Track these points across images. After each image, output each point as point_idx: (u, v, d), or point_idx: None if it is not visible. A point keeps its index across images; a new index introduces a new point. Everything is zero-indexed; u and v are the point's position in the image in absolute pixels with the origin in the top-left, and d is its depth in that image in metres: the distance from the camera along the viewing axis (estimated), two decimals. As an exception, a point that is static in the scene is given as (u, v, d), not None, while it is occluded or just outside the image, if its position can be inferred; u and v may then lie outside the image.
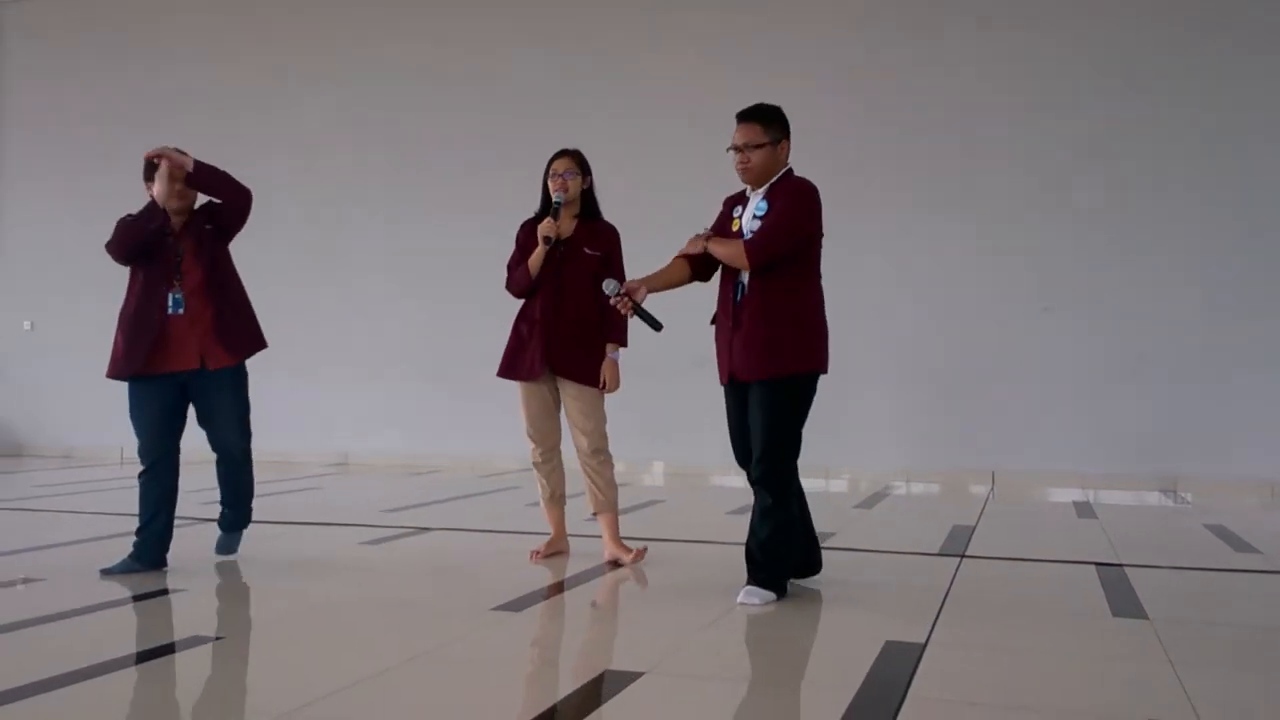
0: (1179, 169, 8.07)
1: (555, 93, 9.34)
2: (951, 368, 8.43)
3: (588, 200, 4.76)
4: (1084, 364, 8.17)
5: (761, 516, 3.95)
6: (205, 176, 4.52)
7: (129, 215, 4.63)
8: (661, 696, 2.85)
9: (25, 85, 11.10)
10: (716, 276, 4.17)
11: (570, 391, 4.69)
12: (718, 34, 9.06)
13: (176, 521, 4.59)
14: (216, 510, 4.90)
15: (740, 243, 3.94)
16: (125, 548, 4.64)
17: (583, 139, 4.88)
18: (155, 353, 4.48)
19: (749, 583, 3.96)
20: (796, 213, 3.94)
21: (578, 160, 4.72)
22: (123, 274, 10.83)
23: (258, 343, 4.69)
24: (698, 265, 4.12)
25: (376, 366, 9.74)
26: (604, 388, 4.67)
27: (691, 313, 5.20)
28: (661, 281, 4.10)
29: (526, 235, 4.76)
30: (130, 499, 6.70)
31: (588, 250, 4.66)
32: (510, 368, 4.75)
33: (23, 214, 11.06)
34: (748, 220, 4.02)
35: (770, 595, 3.92)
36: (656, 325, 4.10)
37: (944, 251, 8.49)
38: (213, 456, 4.71)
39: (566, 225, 4.68)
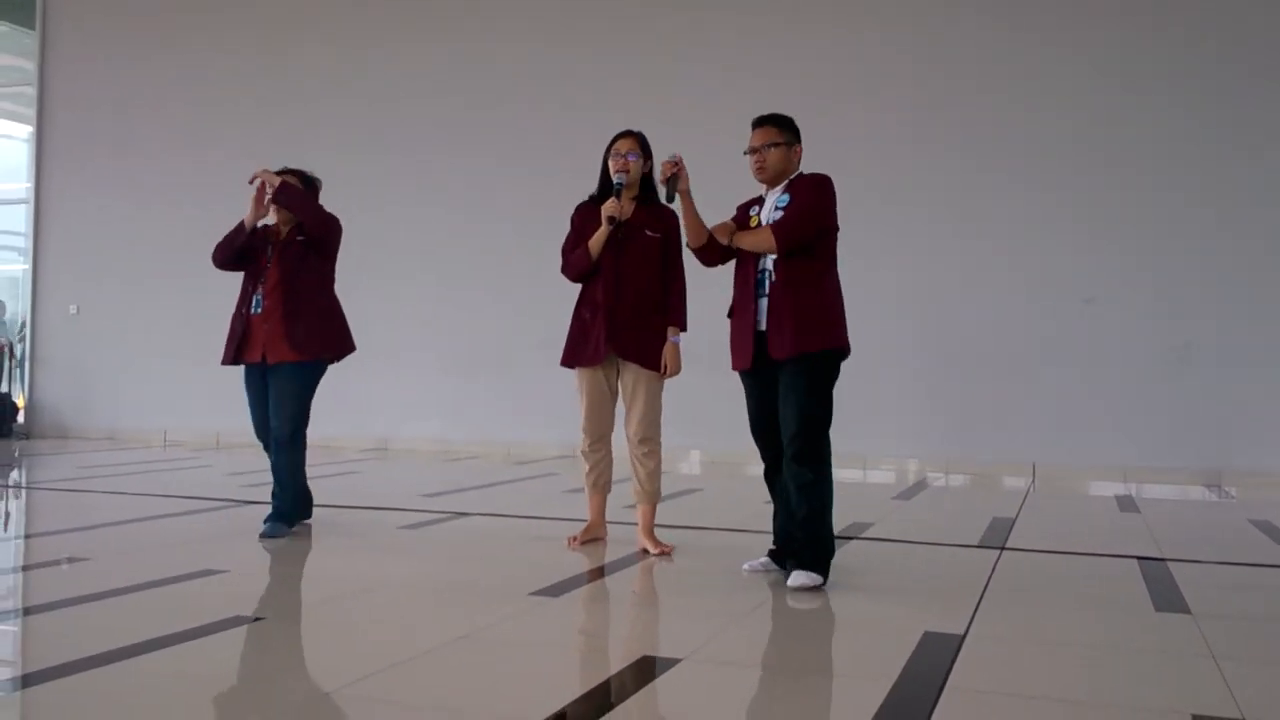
0: (1223, 159, 7.94)
1: (580, 90, 9.34)
2: (992, 359, 8.35)
3: (647, 184, 4.69)
4: (1127, 356, 8.07)
5: (799, 493, 3.99)
6: (287, 197, 4.92)
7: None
8: (699, 683, 2.85)
9: (70, 71, 11.23)
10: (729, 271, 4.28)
11: (630, 375, 4.64)
12: (719, 38, 9.06)
13: (218, 504, 4.84)
14: (254, 493, 5.36)
15: (767, 228, 4.06)
16: (169, 528, 4.71)
17: (600, 135, 4.82)
18: (243, 346, 5.01)
19: (796, 566, 3.97)
20: (819, 201, 4.10)
21: (640, 142, 4.66)
22: (165, 261, 11.01)
23: (328, 346, 5.07)
24: (710, 248, 4.26)
25: (416, 353, 9.79)
26: (665, 372, 4.63)
27: (728, 300, 5.20)
28: (691, 216, 4.24)
29: (582, 218, 4.71)
30: (173, 480, 6.87)
31: (649, 233, 4.61)
32: (574, 355, 4.70)
33: (68, 199, 11.20)
34: (768, 213, 4.14)
35: (818, 578, 3.94)
36: (670, 197, 4.26)
37: (985, 242, 8.41)
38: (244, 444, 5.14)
39: (627, 207, 4.61)
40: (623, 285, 4.59)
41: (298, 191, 4.95)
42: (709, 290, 4.73)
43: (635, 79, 9.19)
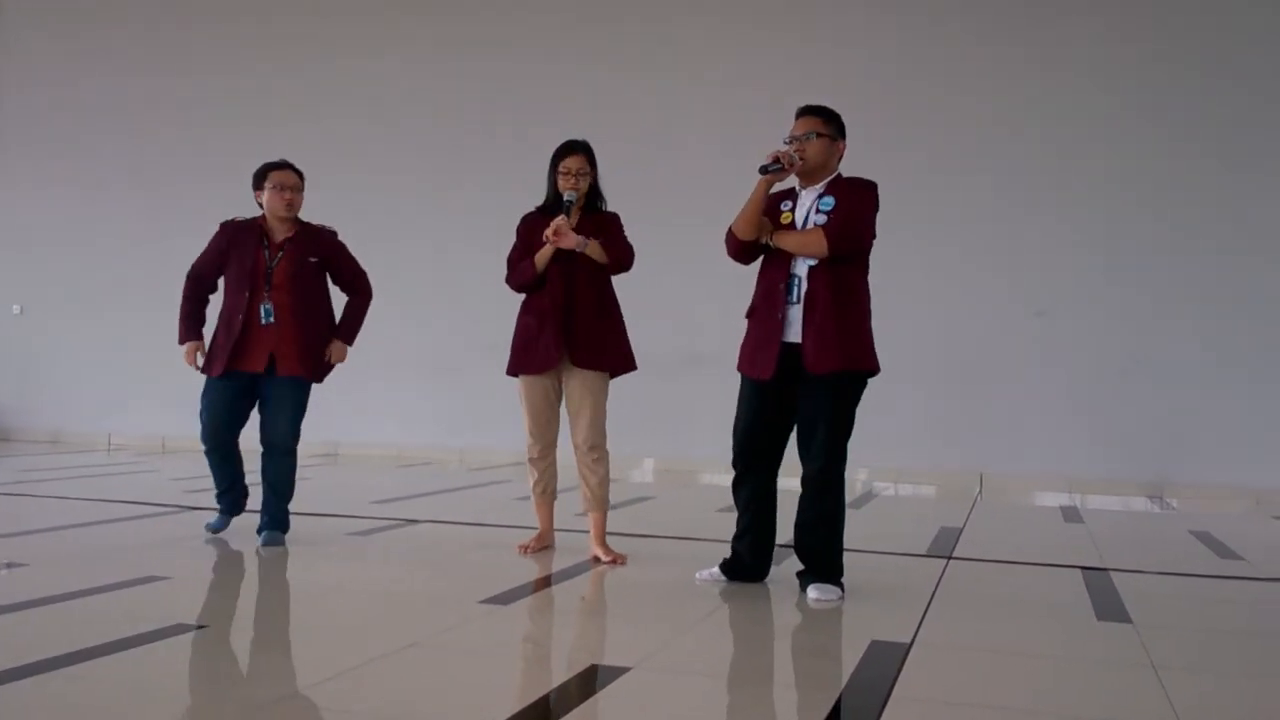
0: (1173, 175, 8.09)
1: (533, 99, 9.33)
2: (942, 370, 8.45)
3: (593, 193, 4.69)
4: (1074, 368, 8.20)
5: (823, 514, 3.96)
6: (355, 335, 5.12)
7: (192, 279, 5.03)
8: (648, 692, 2.85)
9: (18, 66, 11.03)
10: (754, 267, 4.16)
11: (578, 381, 4.62)
12: (709, 44, 9.10)
13: (163, 510, 4.92)
14: (205, 499, 5.20)
15: (818, 230, 3.89)
16: (112, 533, 4.63)
17: (551, 144, 4.78)
18: (240, 353, 4.81)
19: (817, 580, 3.96)
20: (871, 209, 4.00)
21: (588, 157, 4.63)
22: (112, 261, 10.76)
23: (328, 368, 5.05)
24: (756, 246, 4.07)
25: (367, 356, 9.65)
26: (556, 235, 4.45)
27: (685, 309, 5.21)
28: (758, 205, 3.97)
29: (528, 229, 4.69)
30: (117, 485, 6.73)
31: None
32: (522, 363, 4.66)
33: (13, 198, 11.00)
34: (806, 213, 3.98)
35: (839, 591, 3.96)
36: (763, 170, 3.89)
37: (936, 253, 8.50)
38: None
39: (573, 218, 4.59)
40: (575, 293, 4.58)
41: (355, 329, 5.11)
42: (664, 299, 4.73)
43: (585, 89, 9.18)
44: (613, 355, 4.68)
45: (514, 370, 4.71)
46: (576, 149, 4.64)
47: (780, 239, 3.98)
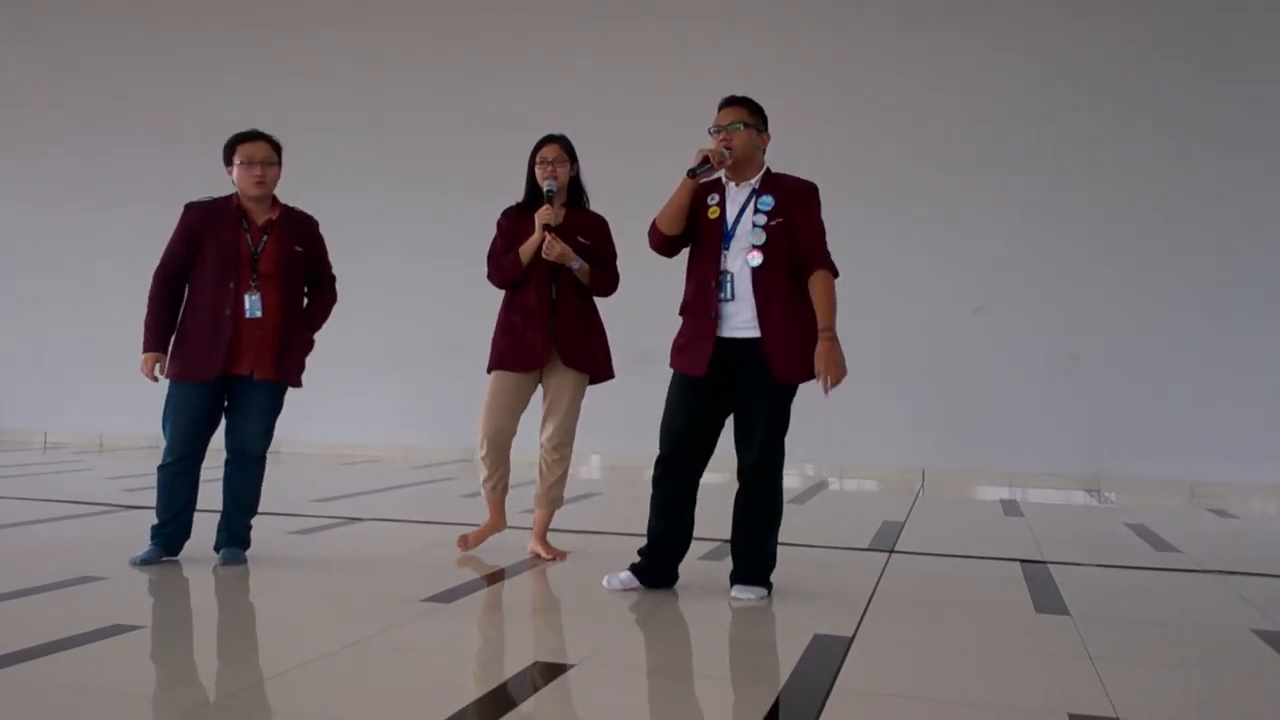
0: (1116, 174, 8.23)
1: (492, 100, 9.28)
2: (884, 366, 8.51)
3: (575, 188, 4.66)
4: (1015, 365, 8.32)
5: (762, 515, 3.92)
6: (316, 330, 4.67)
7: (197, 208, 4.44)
8: (591, 688, 2.85)
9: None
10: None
11: (558, 380, 4.59)
12: (673, 39, 9.11)
13: (98, 509, 4.74)
14: (136, 498, 5.00)
15: (821, 275, 3.97)
16: (46, 533, 4.52)
17: (511, 146, 4.75)
18: (231, 355, 4.33)
19: (746, 582, 3.92)
20: (820, 216, 4.05)
21: (565, 147, 4.61)
22: (47, 255, 10.47)
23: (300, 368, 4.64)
24: (680, 239, 4.02)
25: (311, 355, 9.58)
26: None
27: (631, 306, 5.21)
28: (684, 203, 3.92)
29: (510, 223, 4.64)
30: (53, 484, 6.55)
31: (581, 239, 4.55)
32: (505, 360, 4.59)
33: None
34: (740, 211, 3.92)
35: (764, 591, 3.93)
36: (692, 173, 3.85)
37: (878, 250, 8.57)
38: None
39: (559, 213, 4.54)
40: (561, 289, 4.54)
41: (309, 343, 4.68)
42: (619, 299, 4.71)
43: (547, 90, 9.13)
44: (597, 358, 4.66)
45: (496, 366, 4.63)
46: (553, 139, 4.62)
47: (819, 295, 3.95)
